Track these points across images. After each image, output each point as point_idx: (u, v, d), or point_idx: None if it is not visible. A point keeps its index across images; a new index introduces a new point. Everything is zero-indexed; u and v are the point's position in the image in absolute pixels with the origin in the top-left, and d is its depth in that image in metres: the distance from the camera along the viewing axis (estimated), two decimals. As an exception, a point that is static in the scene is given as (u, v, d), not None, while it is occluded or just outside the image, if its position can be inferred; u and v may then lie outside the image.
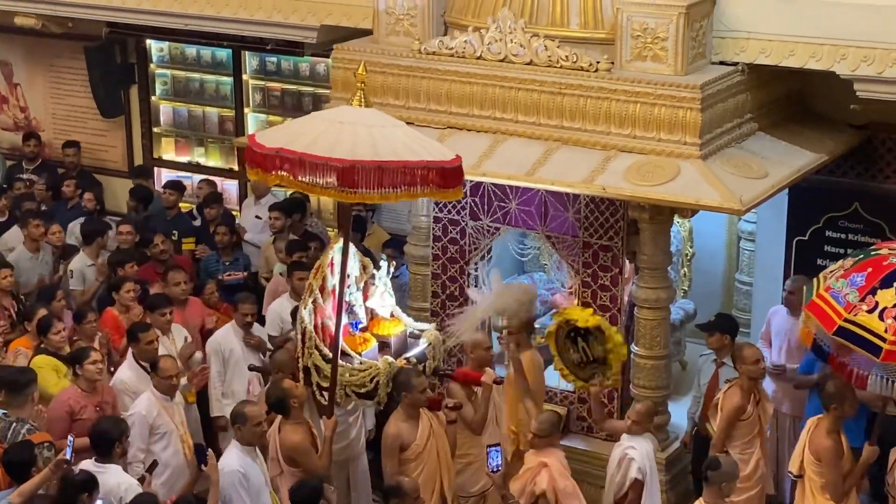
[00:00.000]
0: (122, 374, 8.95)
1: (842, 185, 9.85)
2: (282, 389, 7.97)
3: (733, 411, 8.35)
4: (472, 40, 9.17)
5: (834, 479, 7.80)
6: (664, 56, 8.68)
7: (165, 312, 9.39)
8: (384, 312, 8.54)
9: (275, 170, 7.33)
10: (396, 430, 7.97)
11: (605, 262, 9.14)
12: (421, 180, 7.27)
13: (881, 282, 7.15)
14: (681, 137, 8.55)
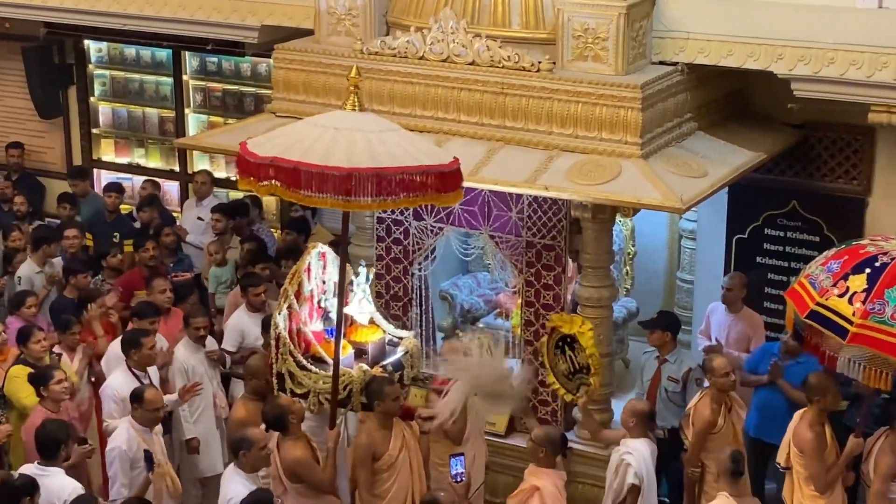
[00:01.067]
0: (114, 382, 8.70)
1: (780, 184, 9.97)
2: (279, 406, 7.80)
3: (704, 426, 8.37)
4: (415, 40, 9.17)
5: (817, 471, 7.84)
6: (605, 56, 8.74)
7: (155, 321, 9.22)
8: (362, 319, 8.48)
9: (267, 179, 7.21)
10: (369, 440, 7.86)
11: (548, 262, 9.17)
12: (420, 186, 7.22)
13: (853, 268, 7.26)
14: (622, 137, 8.61)
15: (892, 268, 7.16)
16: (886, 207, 9.67)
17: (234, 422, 8.40)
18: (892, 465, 7.77)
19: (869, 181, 9.70)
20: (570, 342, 8.44)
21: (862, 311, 7.07)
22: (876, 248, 7.37)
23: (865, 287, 7.15)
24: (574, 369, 8.51)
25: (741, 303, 9.66)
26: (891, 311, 7.01)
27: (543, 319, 9.17)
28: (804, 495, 7.95)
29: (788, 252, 10.08)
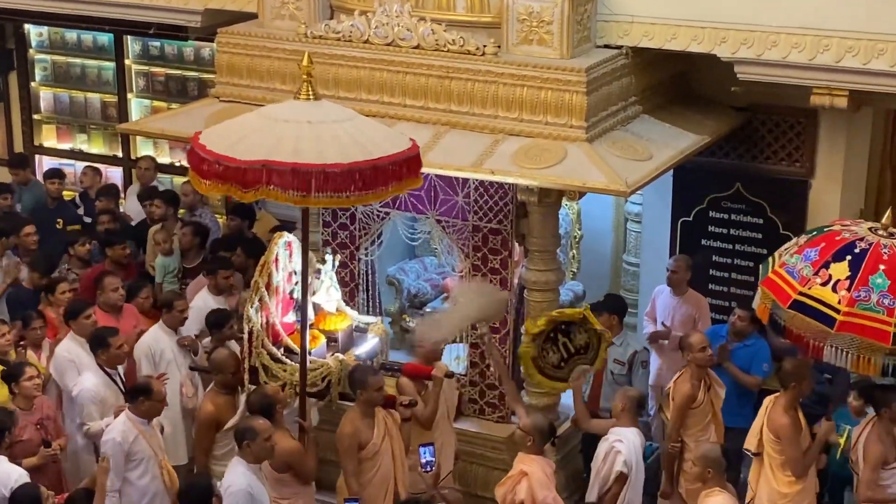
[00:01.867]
0: (88, 383, 8.53)
1: (724, 167, 10.04)
2: (267, 396, 7.70)
3: (684, 400, 8.40)
4: (359, 24, 9.12)
5: (794, 456, 7.86)
6: (550, 40, 8.74)
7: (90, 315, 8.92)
8: (330, 307, 8.41)
9: (261, 185, 6.99)
10: (353, 429, 7.79)
11: (494, 246, 9.18)
12: (394, 176, 7.15)
13: (833, 255, 7.24)
14: (567, 120, 8.62)
15: (873, 254, 7.13)
16: (829, 189, 9.76)
17: (204, 415, 8.29)
18: (880, 453, 7.81)
19: (812, 163, 9.78)
20: (564, 329, 8.37)
21: (848, 299, 7.04)
22: (850, 234, 7.34)
23: (848, 274, 7.12)
24: (568, 355, 8.45)
25: (686, 285, 9.73)
26: (876, 297, 6.99)
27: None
28: (778, 481, 7.97)
29: (733, 234, 10.16)
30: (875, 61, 8.36)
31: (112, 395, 8.52)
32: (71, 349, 8.84)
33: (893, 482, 7.90)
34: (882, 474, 7.85)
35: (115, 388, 8.61)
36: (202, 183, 7.25)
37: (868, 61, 8.38)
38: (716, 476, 7.43)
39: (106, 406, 8.47)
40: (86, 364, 8.72)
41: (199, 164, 7.24)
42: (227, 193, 7.25)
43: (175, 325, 9.25)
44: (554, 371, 8.47)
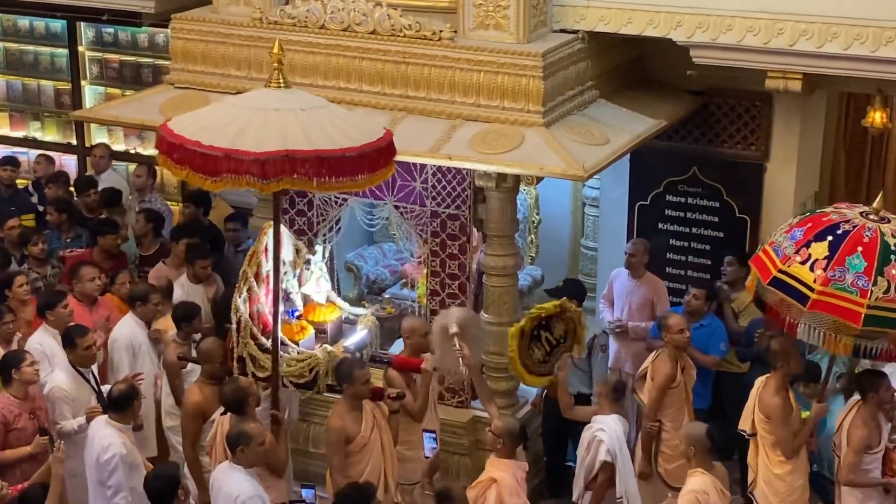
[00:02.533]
0: (60, 381, 8.34)
1: (680, 150, 10.08)
2: (241, 389, 7.59)
3: (665, 380, 8.39)
4: (315, 9, 9.07)
5: (784, 436, 7.88)
6: (506, 24, 8.73)
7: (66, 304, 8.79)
8: (319, 298, 8.31)
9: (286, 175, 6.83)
10: (341, 423, 7.67)
11: (452, 231, 9.17)
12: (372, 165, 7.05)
13: (816, 235, 7.26)
14: (524, 105, 8.62)
15: (854, 235, 7.16)
16: (784, 172, 9.83)
17: (190, 405, 8.19)
18: (864, 437, 7.82)
19: (767, 146, 9.84)
20: (543, 324, 8.31)
21: (823, 278, 7.07)
22: (839, 215, 7.36)
23: (827, 254, 7.14)
24: (551, 347, 8.40)
25: (644, 268, 9.76)
26: (851, 277, 7.02)
27: (449, 289, 9.18)
28: (771, 461, 7.99)
29: (689, 218, 10.21)
30: (829, 44, 8.42)
31: (84, 394, 8.35)
32: (44, 341, 8.72)
33: (875, 467, 7.92)
34: (865, 458, 7.87)
35: (88, 386, 8.45)
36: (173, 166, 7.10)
37: (822, 45, 8.44)
38: (699, 455, 7.39)
39: (78, 405, 8.31)
40: (58, 357, 8.59)
41: (168, 148, 7.11)
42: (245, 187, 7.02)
43: (149, 318, 9.16)
44: (540, 367, 8.41)
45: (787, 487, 7.97)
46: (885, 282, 6.97)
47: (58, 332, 8.69)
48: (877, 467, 7.94)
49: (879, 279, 6.97)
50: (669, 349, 8.47)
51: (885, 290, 6.96)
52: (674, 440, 8.35)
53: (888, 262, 7.02)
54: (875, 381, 7.87)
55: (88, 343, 8.39)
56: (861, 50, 8.34)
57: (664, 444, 8.49)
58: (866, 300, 6.95)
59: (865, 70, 8.54)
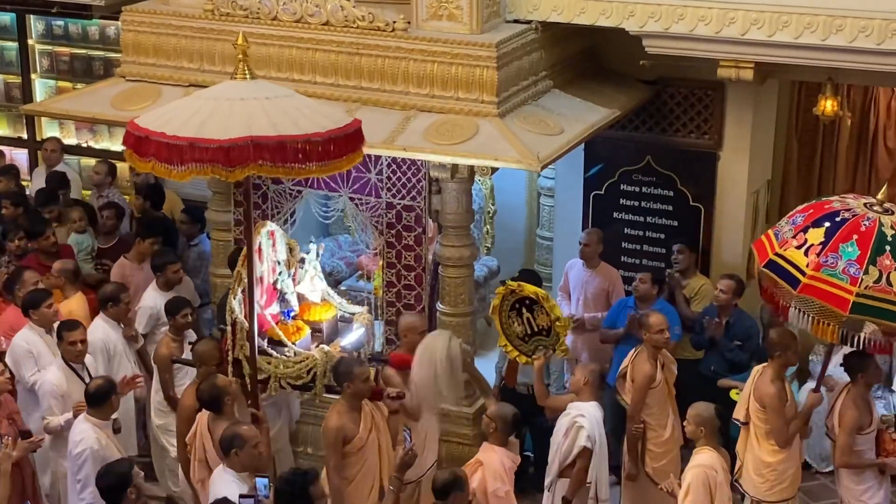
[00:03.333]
0: (52, 377, 8.28)
1: (634, 140, 10.12)
2: (216, 387, 7.54)
3: (645, 380, 8.37)
4: (267, 1, 9.02)
5: (779, 425, 7.88)
6: (459, 15, 8.73)
7: (51, 304, 8.72)
8: (315, 297, 8.23)
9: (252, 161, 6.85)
10: (339, 423, 7.57)
11: (408, 222, 9.16)
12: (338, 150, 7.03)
13: (814, 221, 7.31)
14: (478, 96, 8.62)
15: (851, 223, 7.19)
16: (737, 161, 9.90)
17: (185, 409, 8.08)
18: (856, 418, 7.86)
19: (720, 135, 9.91)
20: (529, 304, 8.35)
21: (815, 264, 7.11)
22: (841, 204, 7.41)
23: (822, 240, 7.18)
24: (531, 332, 8.42)
25: (598, 258, 9.80)
26: (843, 264, 7.06)
27: (405, 280, 9.17)
28: (763, 450, 8.01)
29: (644, 207, 10.26)
30: (780, 33, 8.48)
31: (77, 390, 8.20)
32: (29, 339, 8.65)
33: (868, 447, 7.98)
34: (857, 439, 7.91)
35: (81, 383, 8.30)
36: (138, 160, 7.10)
37: (773, 33, 8.49)
38: (708, 434, 7.44)
39: (69, 401, 8.20)
40: (44, 355, 8.53)
41: (135, 142, 7.11)
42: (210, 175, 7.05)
43: (120, 318, 9.09)
44: (518, 342, 8.49)
45: (778, 476, 8.00)
46: (876, 271, 7.00)
47: (44, 331, 8.63)
48: (870, 448, 7.99)
49: (871, 268, 7.01)
50: (648, 348, 8.43)
51: (875, 279, 7.00)
52: (660, 438, 8.37)
53: (882, 252, 7.04)
54: (863, 361, 7.90)
55: (74, 338, 8.29)
56: (812, 38, 8.41)
57: (650, 443, 8.45)
58: (856, 288, 7.00)
59: (816, 58, 8.61)
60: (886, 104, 10.17)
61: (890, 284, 7.01)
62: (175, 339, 8.82)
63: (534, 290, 8.36)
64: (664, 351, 8.55)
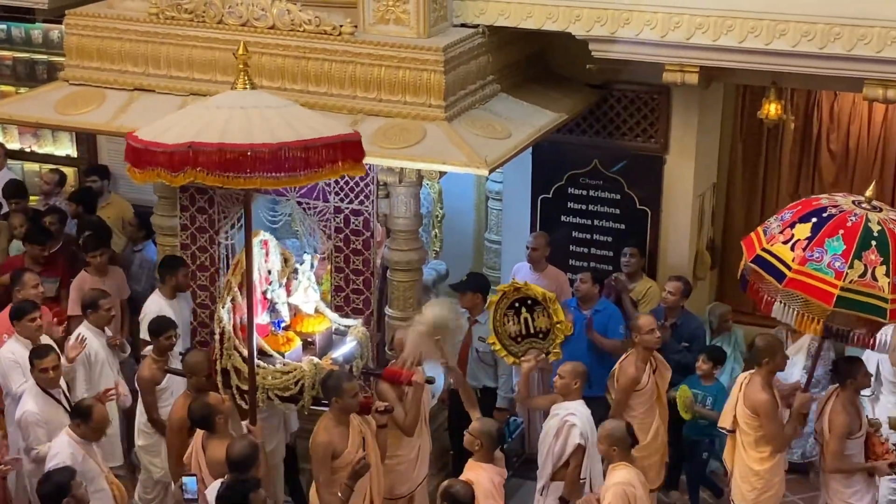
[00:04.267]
0: (28, 405, 8.07)
1: (582, 144, 10.17)
2: (207, 405, 7.44)
3: (628, 383, 8.35)
4: (212, 4, 8.97)
5: (775, 431, 7.90)
6: (406, 19, 8.72)
7: (35, 317, 8.59)
8: (308, 309, 8.13)
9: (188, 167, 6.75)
10: (328, 438, 7.49)
11: (356, 227, 9.14)
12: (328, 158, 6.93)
13: (801, 217, 7.37)
14: (426, 100, 8.62)
15: (838, 219, 7.25)
16: (683, 164, 9.98)
17: (175, 419, 7.96)
18: (845, 423, 7.89)
19: (666, 139, 9.98)
20: (530, 305, 8.31)
21: (801, 258, 7.17)
22: (829, 200, 7.48)
23: (808, 235, 7.24)
24: (526, 333, 8.39)
25: (545, 261, 9.84)
26: (829, 259, 7.11)
27: (353, 285, 9.15)
28: (749, 458, 8.02)
29: (591, 210, 10.31)
30: (724, 38, 8.55)
31: (58, 416, 8.09)
32: (15, 350, 8.53)
33: (858, 451, 8.02)
34: (847, 444, 7.94)
35: (61, 408, 8.17)
36: (136, 172, 7.00)
37: (717, 38, 8.56)
38: (621, 452, 7.40)
39: (52, 427, 8.01)
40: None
41: (133, 154, 7.01)
42: (158, 179, 6.97)
43: (102, 325, 8.97)
44: (509, 342, 8.45)
45: (765, 483, 8.03)
46: (861, 266, 7.07)
47: (30, 343, 8.51)
48: (860, 452, 8.03)
49: (856, 262, 7.08)
50: (639, 350, 8.42)
51: (860, 273, 7.06)
52: (641, 442, 8.22)
53: (868, 247, 7.12)
54: (852, 366, 7.96)
55: (46, 364, 8.10)
56: (755, 43, 8.48)
57: None
58: (840, 282, 7.06)
59: (760, 63, 8.69)
60: (829, 108, 10.28)
61: (875, 279, 7.08)
62: (157, 360, 8.57)
63: (541, 292, 8.35)
64: (657, 354, 8.53)
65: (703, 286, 10.48)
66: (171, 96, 9.07)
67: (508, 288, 8.47)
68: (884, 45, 8.19)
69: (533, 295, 8.42)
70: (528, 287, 8.43)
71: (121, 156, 11.62)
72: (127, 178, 11.37)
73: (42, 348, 8.33)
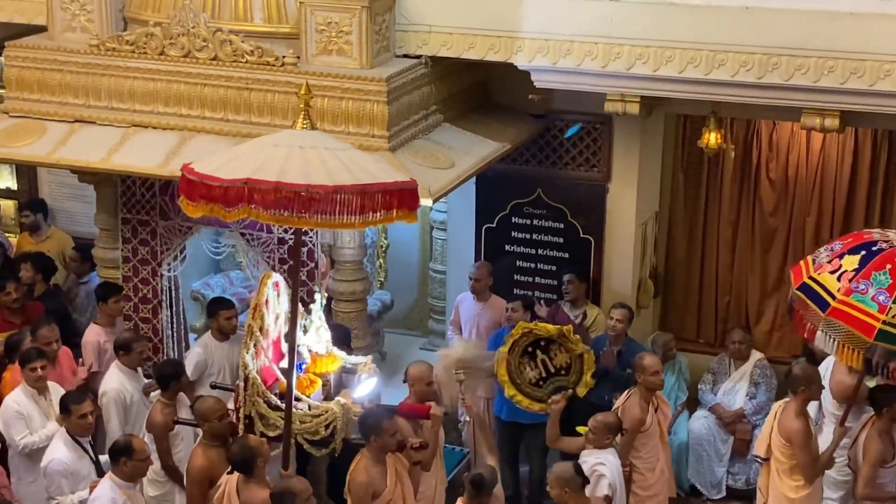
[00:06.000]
0: (58, 453, 7.75)
1: (525, 173, 10.21)
2: (249, 448, 7.20)
3: (634, 424, 8.20)
4: (154, 36, 8.93)
5: (808, 460, 7.86)
6: (349, 50, 8.74)
7: (37, 367, 8.27)
8: (320, 349, 7.96)
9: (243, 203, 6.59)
10: (367, 478, 7.35)
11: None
12: (384, 204, 6.75)
13: (851, 249, 7.37)
14: (369, 130, 8.63)
15: (887, 253, 7.24)
16: (625, 193, 10.04)
17: (195, 471, 7.70)
18: (880, 451, 7.88)
19: (608, 168, 10.04)
20: (544, 345, 8.15)
21: (846, 289, 7.15)
22: (881, 235, 7.47)
23: (856, 267, 7.23)
24: (547, 374, 8.20)
25: (489, 291, 9.86)
26: (874, 291, 7.10)
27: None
28: (784, 486, 7.97)
29: (535, 239, 10.35)
30: (664, 68, 8.64)
31: (84, 467, 7.83)
32: (20, 400, 8.26)
33: (890, 480, 8.01)
34: (881, 472, 7.93)
35: (87, 457, 7.89)
36: (188, 204, 6.86)
37: (657, 68, 8.65)
38: (574, 492, 7.27)
39: (77, 478, 7.76)
40: (35, 418, 8.16)
41: (187, 186, 6.87)
42: (212, 213, 6.82)
43: (134, 367, 8.72)
44: (531, 389, 8.23)
45: None
46: None
47: (36, 392, 8.27)
48: (892, 481, 8.02)
49: None
50: (642, 390, 8.29)
51: None
52: (647, 482, 8.28)
53: None
54: (889, 395, 7.94)
55: (84, 410, 7.80)
56: (695, 73, 8.58)
57: (636, 486, 8.30)
58: (883, 315, 7.06)
59: (700, 92, 8.79)
60: (768, 137, 10.39)
61: None
62: (168, 404, 8.26)
63: (556, 329, 8.15)
64: (658, 393, 8.46)
65: (646, 314, 10.54)
66: (112, 128, 9.01)
67: (517, 333, 8.20)
68: (820, 74, 8.33)
69: (547, 334, 8.19)
70: (540, 327, 8.23)
71: (62, 188, 11.81)
72: (67, 210, 11.51)
73: (77, 394, 8.05)
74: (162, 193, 9.37)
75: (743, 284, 10.74)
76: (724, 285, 10.81)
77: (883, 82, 8.22)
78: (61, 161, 9.00)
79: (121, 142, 8.89)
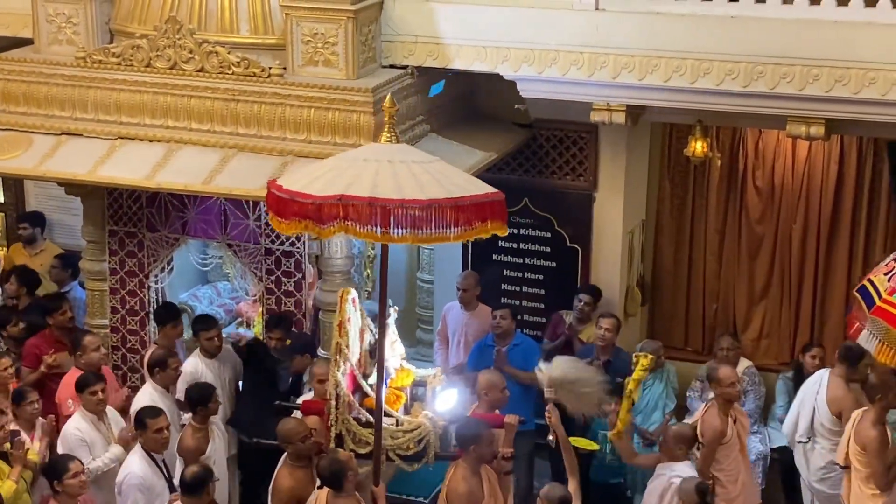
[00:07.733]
0: (134, 467, 7.64)
1: (511, 182, 10.19)
2: (338, 462, 7.16)
3: (715, 436, 8.14)
4: (140, 48, 8.94)
5: (880, 469, 7.82)
6: (335, 60, 8.76)
7: (97, 391, 8.12)
8: (395, 363, 7.90)
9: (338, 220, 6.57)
10: (467, 489, 7.27)
11: (287, 268, 9.12)
12: (477, 216, 6.75)
13: None
14: (355, 141, 8.63)
15: None
16: (612, 202, 10.07)
17: (283, 492, 7.61)
18: (881, 439, 7.83)
19: (595, 177, 10.07)
20: None
21: (891, 289, 7.10)
22: None
23: None
24: None
25: (476, 301, 9.86)
26: None
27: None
28: (863, 493, 7.94)
29: (522, 248, 10.36)
30: (650, 77, 8.68)
31: (159, 483, 7.72)
32: (81, 426, 8.10)
33: None
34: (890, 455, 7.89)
35: (162, 475, 7.78)
36: (280, 222, 6.82)
37: (643, 77, 8.69)
38: None
39: (152, 495, 7.66)
40: (97, 443, 8.05)
41: (276, 203, 6.84)
42: (305, 231, 6.79)
43: (168, 384, 8.64)
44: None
45: None
46: None
47: (96, 417, 8.15)
48: None
49: None
50: (720, 402, 8.24)
51: None
52: (729, 494, 8.21)
53: None
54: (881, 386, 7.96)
55: (160, 425, 7.72)
56: (680, 82, 8.62)
57: (719, 498, 8.15)
58: None
59: (685, 101, 8.83)
60: (754, 145, 10.43)
61: None
62: (199, 428, 8.15)
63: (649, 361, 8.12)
64: (736, 405, 8.41)
65: (633, 323, 10.56)
66: (99, 140, 9.01)
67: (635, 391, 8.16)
68: (805, 83, 8.37)
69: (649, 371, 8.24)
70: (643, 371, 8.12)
71: (49, 200, 11.77)
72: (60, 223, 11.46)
73: (153, 408, 7.93)
74: (149, 205, 9.37)
75: (730, 292, 10.77)
76: (711, 293, 10.85)
77: (868, 90, 8.27)
78: (48, 173, 8.99)
79: (107, 154, 8.89)
